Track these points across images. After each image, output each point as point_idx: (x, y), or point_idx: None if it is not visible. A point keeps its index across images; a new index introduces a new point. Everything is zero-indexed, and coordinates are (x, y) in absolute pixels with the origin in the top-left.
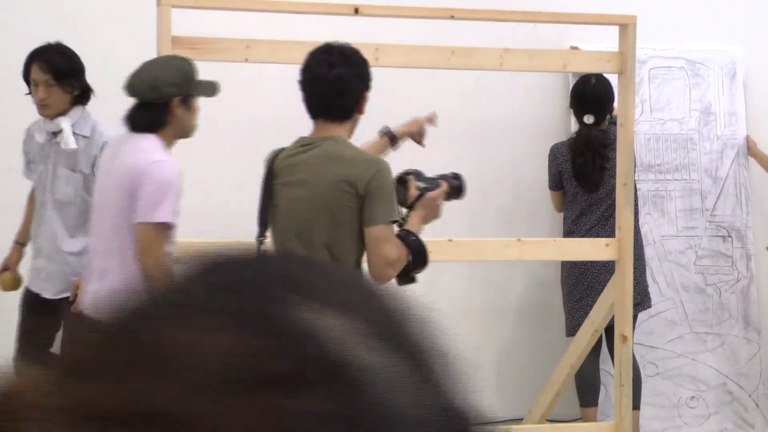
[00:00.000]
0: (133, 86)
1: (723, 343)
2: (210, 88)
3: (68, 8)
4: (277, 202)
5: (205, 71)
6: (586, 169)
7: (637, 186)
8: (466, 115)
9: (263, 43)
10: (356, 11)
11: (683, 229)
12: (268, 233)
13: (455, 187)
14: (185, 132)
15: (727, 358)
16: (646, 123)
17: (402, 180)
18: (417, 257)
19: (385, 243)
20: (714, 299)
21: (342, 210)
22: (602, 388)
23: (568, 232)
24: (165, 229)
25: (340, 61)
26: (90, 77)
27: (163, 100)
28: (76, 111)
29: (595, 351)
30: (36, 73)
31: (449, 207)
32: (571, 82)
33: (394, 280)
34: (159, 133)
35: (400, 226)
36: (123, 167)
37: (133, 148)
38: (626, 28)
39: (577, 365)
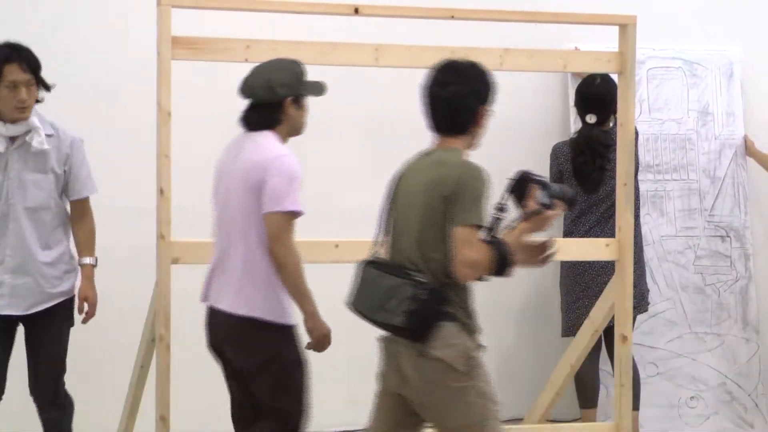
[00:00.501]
0: (248, 88)
1: (722, 343)
2: (318, 88)
3: (68, 8)
4: (393, 205)
5: (205, 71)
6: (586, 168)
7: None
8: None
9: (263, 43)
10: (356, 11)
11: (682, 229)
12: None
13: (569, 204)
14: (296, 130)
15: (726, 358)
16: (644, 123)
17: (523, 182)
18: (497, 269)
19: (464, 244)
20: (713, 299)
21: (432, 210)
22: (602, 389)
23: (568, 233)
24: (293, 217)
25: (455, 78)
26: (90, 77)
27: (277, 99)
28: (35, 111)
29: (595, 352)
30: (16, 74)
31: None
32: (571, 82)
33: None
34: (273, 130)
35: (491, 228)
36: (247, 165)
37: (254, 146)
38: (626, 28)
39: (577, 365)
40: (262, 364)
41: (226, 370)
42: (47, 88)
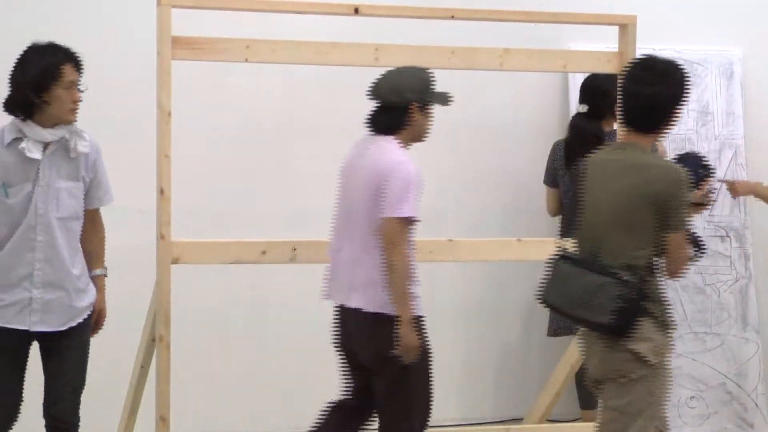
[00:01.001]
0: (377, 90)
1: (722, 342)
2: (444, 98)
3: (67, 8)
4: (583, 200)
5: (205, 71)
6: (572, 155)
7: None
8: (466, 115)
9: (263, 43)
10: (356, 11)
11: None
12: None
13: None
14: (419, 135)
15: (726, 357)
16: None
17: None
18: (698, 247)
19: (680, 247)
20: (713, 299)
21: (637, 213)
22: None
23: (562, 230)
24: (409, 223)
25: (660, 79)
26: (90, 78)
27: (404, 104)
28: None
29: None
30: (73, 74)
31: (449, 207)
32: (571, 82)
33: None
34: (397, 134)
35: None
36: (370, 167)
37: (377, 149)
38: (626, 28)
39: (577, 365)
40: (389, 356)
41: (350, 364)
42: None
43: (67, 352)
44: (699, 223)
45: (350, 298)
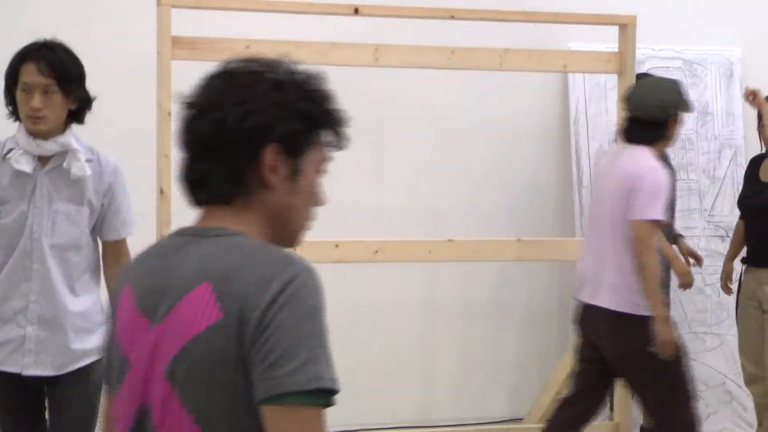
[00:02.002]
0: (639, 105)
1: (722, 343)
2: (690, 106)
3: (67, 8)
4: None
5: (205, 71)
6: None
7: None
8: (466, 116)
9: (263, 43)
10: (356, 11)
11: (682, 229)
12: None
13: None
14: (670, 142)
15: (726, 357)
16: None
17: None
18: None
19: None
20: (713, 299)
21: None
22: None
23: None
24: (656, 225)
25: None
26: (90, 77)
27: (665, 118)
28: (71, 130)
29: None
30: (31, 75)
31: (449, 207)
32: (571, 82)
33: None
34: (653, 145)
35: None
36: (621, 173)
37: (629, 158)
38: (626, 28)
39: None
40: (634, 354)
41: (589, 358)
42: (85, 101)
43: (67, 403)
44: (699, 223)
45: (597, 297)
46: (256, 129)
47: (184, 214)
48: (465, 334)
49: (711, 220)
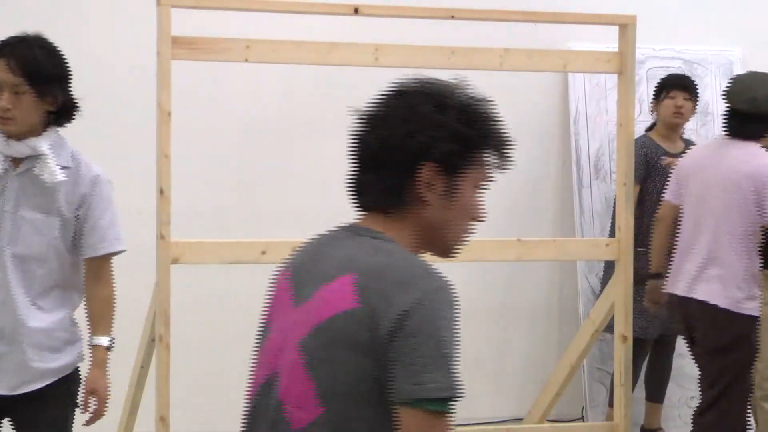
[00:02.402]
0: (751, 99)
1: None
2: None
3: (66, 7)
4: None
5: (205, 71)
6: None
7: None
8: None
9: (263, 43)
10: (356, 11)
11: None
12: None
13: None
14: None
15: None
16: (644, 123)
17: None
18: None
19: None
20: None
21: None
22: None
23: None
24: None
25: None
26: (90, 77)
27: (761, 112)
28: (50, 133)
29: (669, 345)
30: (2, 72)
31: None
32: (571, 82)
33: None
34: (759, 140)
35: None
36: (736, 170)
37: (744, 154)
38: (626, 28)
39: (577, 365)
40: (722, 348)
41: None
42: (69, 106)
43: (33, 421)
44: None
45: (695, 289)
46: (416, 148)
47: (186, 214)
48: (464, 334)
49: None
